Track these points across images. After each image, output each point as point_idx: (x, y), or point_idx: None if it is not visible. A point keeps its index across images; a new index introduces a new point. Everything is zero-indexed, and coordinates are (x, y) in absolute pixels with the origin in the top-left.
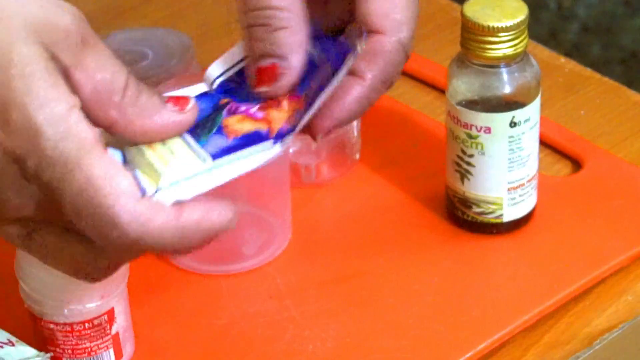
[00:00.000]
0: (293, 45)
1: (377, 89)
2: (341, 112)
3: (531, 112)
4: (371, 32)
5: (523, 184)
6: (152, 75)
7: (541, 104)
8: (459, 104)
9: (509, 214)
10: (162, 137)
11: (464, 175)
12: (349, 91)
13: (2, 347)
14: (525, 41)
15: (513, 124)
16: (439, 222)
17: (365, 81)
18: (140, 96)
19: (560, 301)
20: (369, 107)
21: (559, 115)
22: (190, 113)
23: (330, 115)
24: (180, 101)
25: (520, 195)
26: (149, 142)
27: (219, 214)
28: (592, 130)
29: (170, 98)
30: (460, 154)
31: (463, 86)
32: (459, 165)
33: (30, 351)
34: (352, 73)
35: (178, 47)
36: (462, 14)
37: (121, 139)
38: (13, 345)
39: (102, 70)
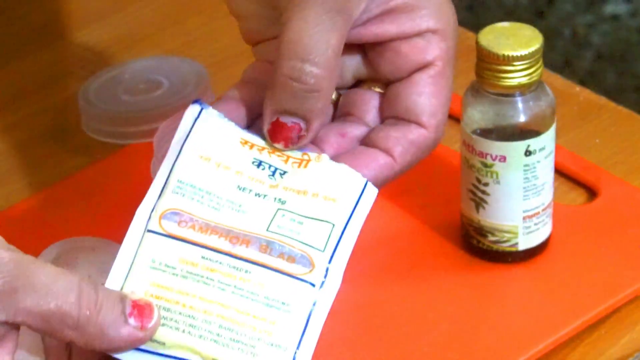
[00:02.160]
0: (320, 110)
1: (402, 172)
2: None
3: (546, 141)
4: (414, 123)
5: (538, 213)
6: (167, 104)
7: (556, 133)
8: (474, 132)
9: (524, 243)
10: (120, 351)
11: (479, 203)
12: (380, 167)
13: None
14: (540, 70)
15: (528, 153)
16: (454, 250)
17: (397, 165)
18: (100, 312)
19: (574, 330)
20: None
21: (573, 144)
22: (150, 331)
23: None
24: (145, 314)
25: (535, 224)
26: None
27: None
28: (607, 159)
29: (135, 306)
30: (475, 183)
31: (478, 115)
32: (474, 193)
33: None
34: (385, 150)
35: (193, 75)
36: (477, 43)
37: None
38: None
39: (44, 303)
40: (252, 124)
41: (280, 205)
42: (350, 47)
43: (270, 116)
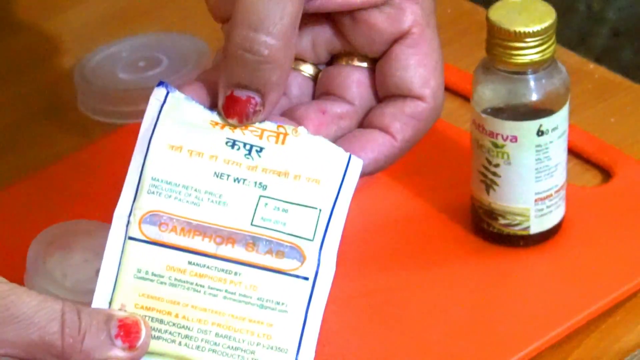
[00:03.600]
0: (276, 83)
1: (405, 149)
2: (367, 165)
3: (559, 120)
4: (408, 97)
5: (551, 195)
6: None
7: (570, 112)
8: (485, 111)
9: (536, 226)
10: None
11: (489, 185)
12: (379, 147)
13: None
14: (553, 47)
15: (540, 133)
16: (464, 234)
17: (397, 142)
18: (84, 338)
19: (589, 316)
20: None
21: (588, 123)
22: (140, 349)
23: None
24: (132, 334)
25: (548, 207)
26: None
27: None
28: (623, 139)
29: (122, 326)
30: (486, 164)
31: (488, 93)
32: (484, 175)
33: None
34: (382, 129)
35: (193, 52)
36: (488, 19)
37: None
38: None
39: (27, 334)
40: None
41: (261, 192)
42: (318, 18)
43: (224, 90)
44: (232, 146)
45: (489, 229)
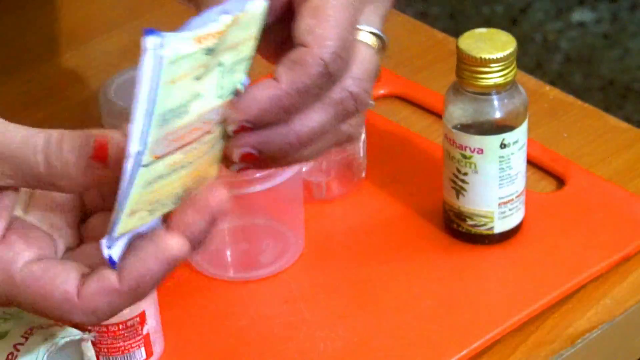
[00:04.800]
0: None
1: (292, 96)
2: (251, 105)
3: (519, 135)
4: (298, 45)
5: (512, 200)
6: None
7: (528, 127)
8: (455, 127)
9: (500, 226)
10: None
11: (459, 191)
12: (263, 89)
13: (52, 326)
14: (514, 71)
15: (503, 146)
16: (437, 233)
17: (280, 84)
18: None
19: (545, 304)
20: (288, 113)
21: (544, 138)
22: (113, 165)
23: (240, 108)
24: (104, 151)
25: (509, 210)
26: None
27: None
28: (574, 151)
29: (97, 146)
30: (456, 173)
31: (458, 112)
32: (454, 182)
33: (77, 331)
34: (273, 76)
35: None
36: (457, 47)
37: None
38: (60, 326)
39: (17, 168)
40: None
41: (219, 68)
42: None
43: None
44: (208, 53)
45: (458, 229)
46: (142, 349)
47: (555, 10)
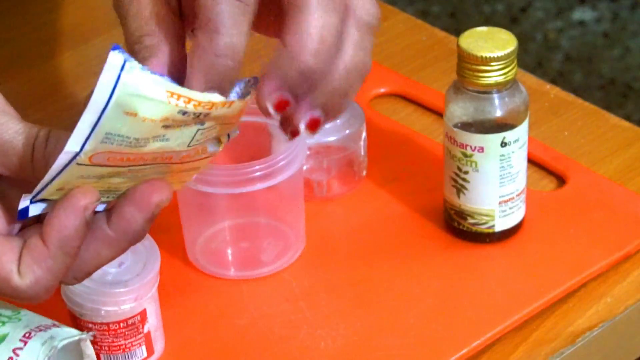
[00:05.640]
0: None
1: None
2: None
3: (520, 133)
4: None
5: (513, 198)
6: None
7: (529, 126)
8: (455, 126)
9: (500, 225)
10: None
11: (459, 190)
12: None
13: (50, 328)
14: (514, 70)
15: (504, 144)
16: (438, 232)
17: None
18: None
19: (546, 303)
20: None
21: (545, 136)
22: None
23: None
24: None
25: (510, 208)
26: None
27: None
28: (574, 150)
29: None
30: (457, 171)
31: (459, 110)
32: (455, 181)
33: (75, 331)
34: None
35: None
36: (458, 46)
37: None
38: (59, 327)
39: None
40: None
41: (200, 127)
42: None
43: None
44: (184, 114)
45: (459, 227)
46: (143, 347)
47: (556, 9)
